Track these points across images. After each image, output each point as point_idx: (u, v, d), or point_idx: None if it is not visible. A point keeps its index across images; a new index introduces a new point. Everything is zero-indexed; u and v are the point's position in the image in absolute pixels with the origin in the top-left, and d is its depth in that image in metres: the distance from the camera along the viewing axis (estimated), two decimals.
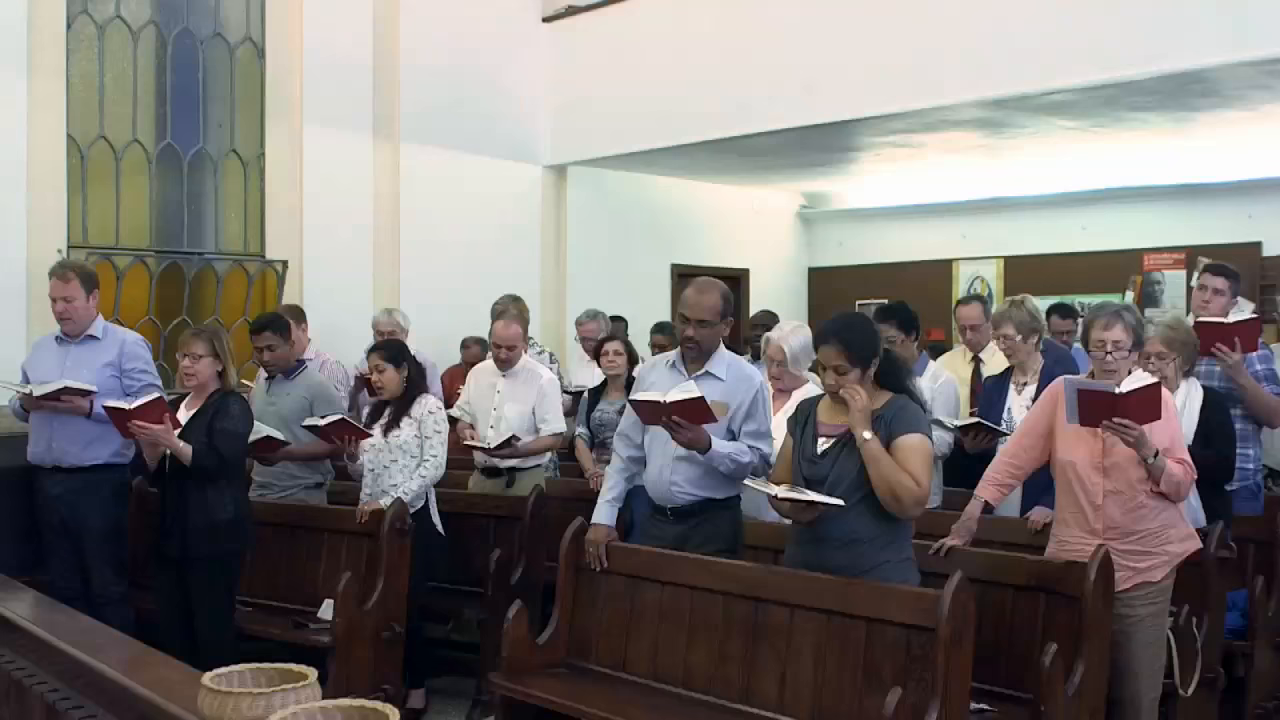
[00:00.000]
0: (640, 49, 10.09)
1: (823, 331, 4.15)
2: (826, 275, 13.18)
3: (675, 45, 9.82)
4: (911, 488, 3.99)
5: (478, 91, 10.38)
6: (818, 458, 4.18)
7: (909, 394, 4.19)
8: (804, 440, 4.26)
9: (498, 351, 6.62)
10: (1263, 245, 10.35)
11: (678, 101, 9.75)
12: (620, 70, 10.24)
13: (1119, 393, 4.22)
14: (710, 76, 9.53)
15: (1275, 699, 5.52)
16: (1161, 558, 4.48)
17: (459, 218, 10.19)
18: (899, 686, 3.64)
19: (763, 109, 9.26)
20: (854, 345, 4.07)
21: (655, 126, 9.98)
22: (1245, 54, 7.17)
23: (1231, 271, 6.12)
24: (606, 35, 10.45)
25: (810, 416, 4.28)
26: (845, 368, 4.05)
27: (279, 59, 9.54)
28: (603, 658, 4.75)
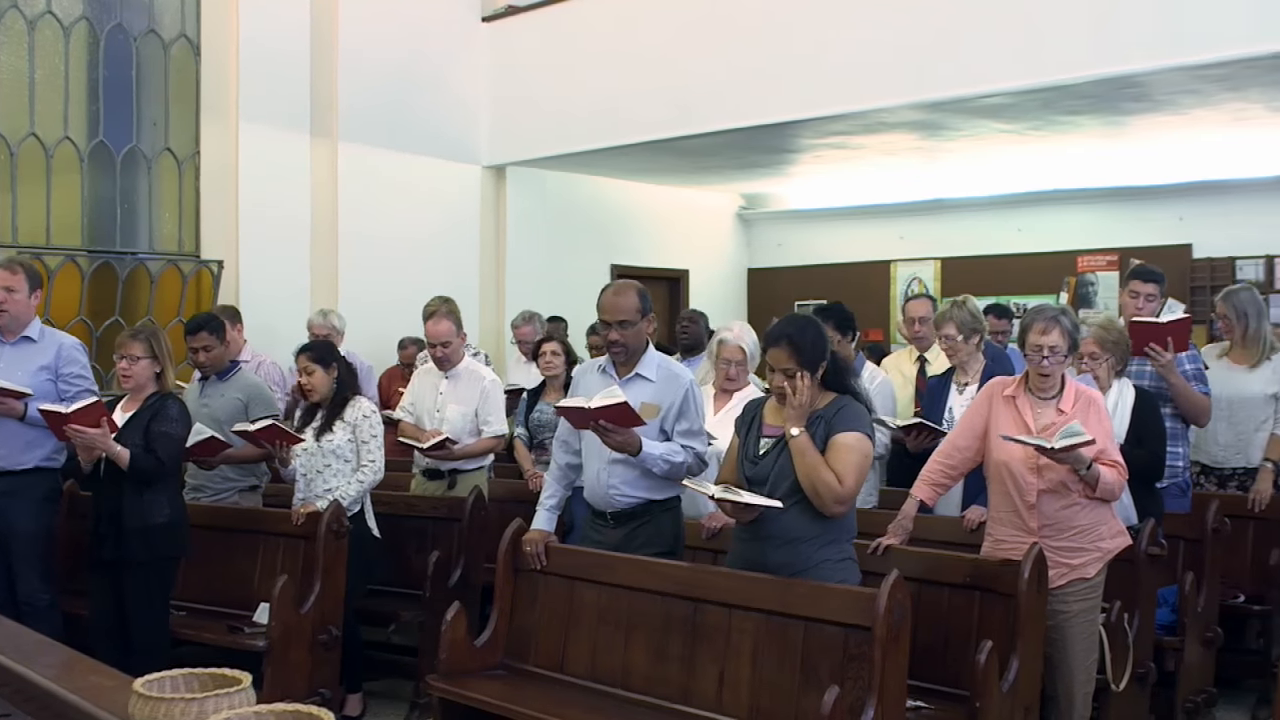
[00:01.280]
0: (580, 49, 10.08)
1: (773, 334, 4.16)
2: (765, 276, 13.24)
3: (615, 46, 9.82)
4: (832, 485, 4.00)
5: (417, 91, 10.33)
6: (758, 458, 4.20)
7: (854, 394, 4.22)
8: (748, 441, 4.28)
9: (433, 351, 6.58)
10: (1193, 247, 10.55)
11: (617, 102, 9.76)
12: (560, 71, 10.23)
13: (1050, 447, 4.30)
14: (650, 78, 9.54)
15: (1204, 692, 5.62)
16: (1094, 554, 4.54)
17: (397, 218, 10.13)
18: (836, 685, 3.65)
19: (702, 110, 9.29)
20: (804, 348, 4.08)
21: (595, 127, 9.98)
22: (1176, 59, 7.30)
23: (1159, 275, 6.22)
24: (546, 35, 10.43)
25: (756, 417, 4.30)
26: (794, 370, 4.06)
27: (214, 56, 9.45)
28: (541, 659, 4.73)
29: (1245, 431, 6.23)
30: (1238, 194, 10.34)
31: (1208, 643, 5.60)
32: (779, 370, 4.09)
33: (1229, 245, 10.42)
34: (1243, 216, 10.30)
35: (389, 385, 8.71)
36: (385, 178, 10.07)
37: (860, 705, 3.68)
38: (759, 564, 4.17)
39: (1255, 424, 6.21)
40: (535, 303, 9.36)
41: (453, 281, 9.21)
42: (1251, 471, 6.27)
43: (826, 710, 3.56)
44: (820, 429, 4.08)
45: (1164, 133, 9.42)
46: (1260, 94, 8.07)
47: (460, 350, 6.67)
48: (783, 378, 4.08)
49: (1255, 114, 8.63)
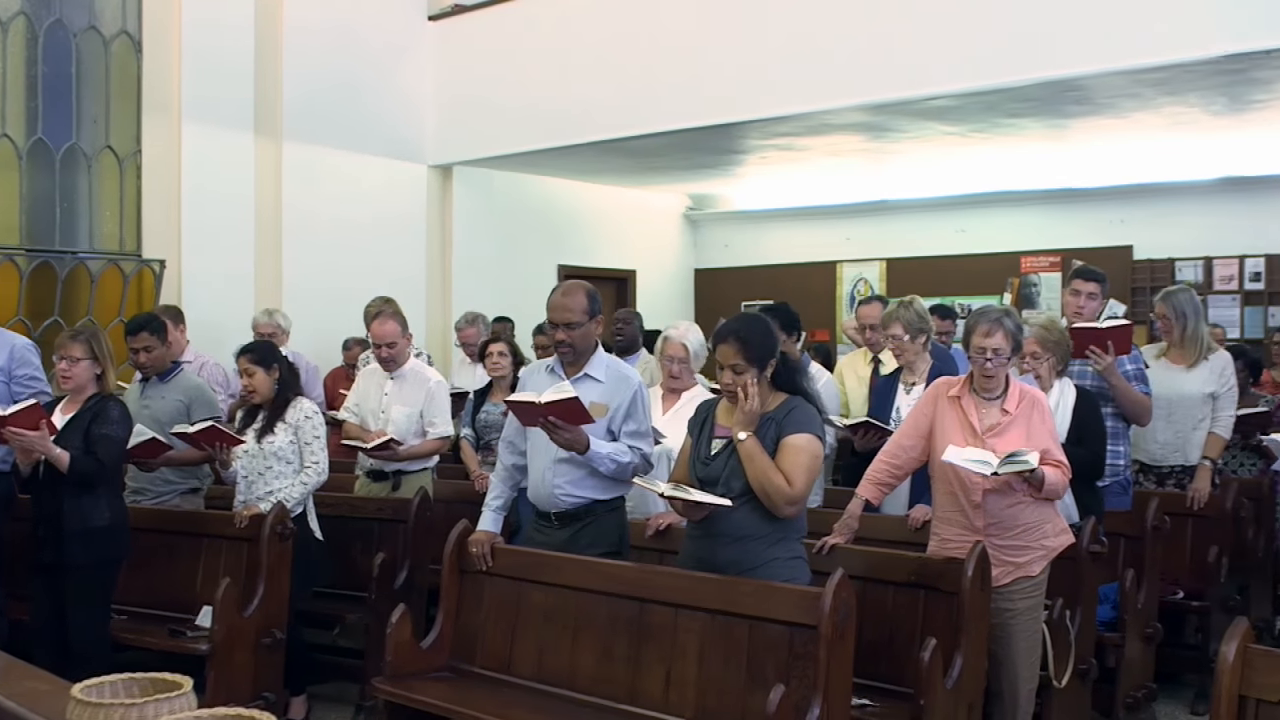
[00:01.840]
0: (527, 49, 10.06)
1: (721, 330, 4.17)
2: (712, 276, 13.28)
3: (562, 46, 9.81)
4: (782, 487, 4.01)
5: (362, 89, 10.26)
6: (710, 458, 4.21)
7: (805, 395, 4.23)
8: (701, 441, 4.29)
9: (379, 351, 6.55)
10: (1134, 249, 10.69)
11: (565, 102, 9.75)
12: (507, 70, 10.20)
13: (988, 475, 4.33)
14: (597, 78, 9.54)
15: (1145, 687, 5.69)
16: (1039, 552, 4.58)
17: (343, 217, 10.07)
18: (782, 684, 3.66)
19: (649, 111, 9.30)
20: (752, 345, 4.09)
21: (542, 127, 9.96)
22: (1117, 63, 7.39)
23: (1100, 275, 6.28)
24: (493, 35, 10.40)
25: (709, 418, 4.31)
26: (742, 366, 4.07)
27: (156, 52, 9.34)
28: (488, 660, 4.71)
29: (1183, 430, 6.33)
30: (1177, 196, 10.50)
31: (1148, 639, 5.68)
32: (727, 366, 4.10)
33: (1168, 247, 10.57)
34: (1182, 219, 10.46)
35: (333, 386, 8.65)
36: (330, 177, 10.00)
37: (806, 703, 3.69)
38: (709, 562, 4.18)
39: (1193, 423, 6.31)
40: (482, 303, 9.33)
41: (398, 281, 9.17)
42: (1189, 469, 6.37)
43: (772, 709, 3.57)
44: (771, 430, 4.10)
45: (1105, 136, 9.54)
46: (1199, 98, 8.19)
47: (406, 351, 6.64)
48: (731, 375, 4.09)
49: (1194, 118, 8.76)
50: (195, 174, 9.32)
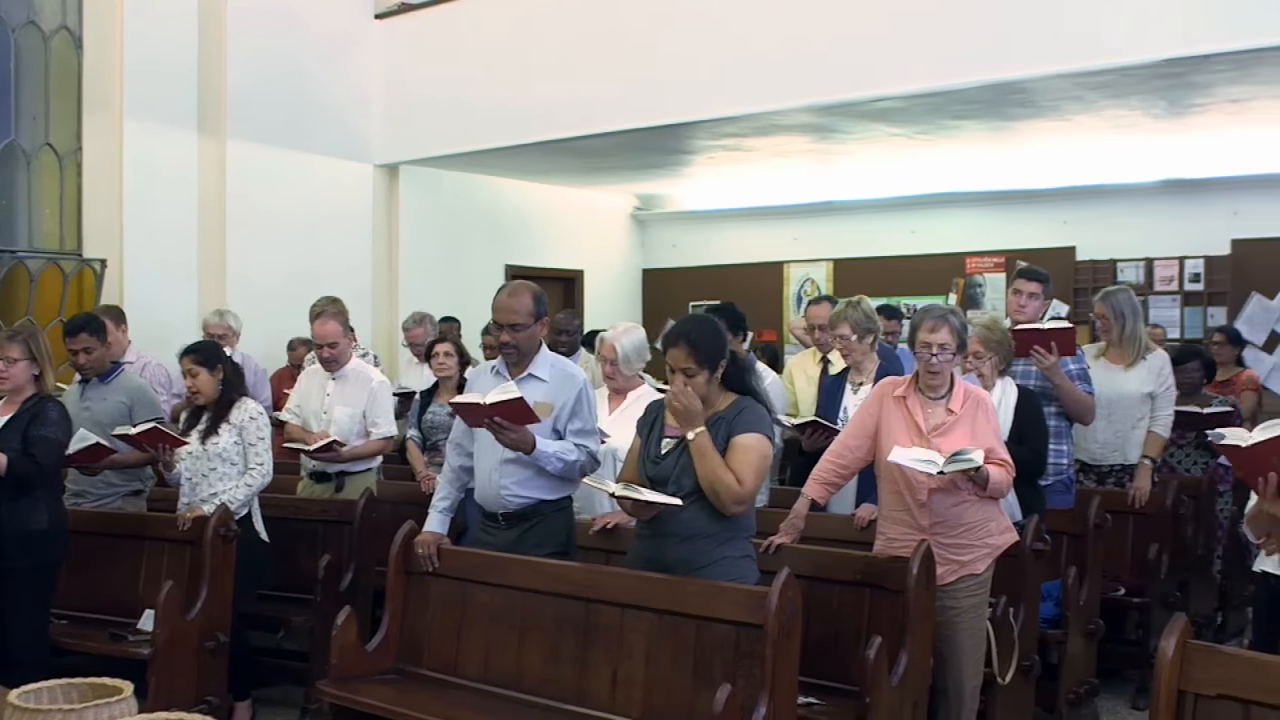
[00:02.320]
0: (474, 48, 10.02)
1: (671, 334, 4.18)
2: (660, 276, 13.29)
3: (509, 45, 9.78)
4: (731, 485, 4.03)
5: (308, 87, 10.18)
6: (660, 458, 4.21)
7: (754, 395, 4.24)
8: (650, 441, 4.29)
9: (320, 351, 6.51)
10: (1076, 249, 10.81)
11: (512, 102, 9.72)
12: (454, 69, 10.16)
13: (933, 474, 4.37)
14: (545, 77, 9.52)
15: (1087, 683, 5.76)
16: (983, 550, 4.63)
17: (288, 216, 9.98)
18: (728, 683, 3.67)
19: (597, 111, 9.29)
20: (703, 348, 4.10)
21: (489, 126, 9.93)
22: (1060, 66, 7.47)
23: (1043, 275, 6.36)
24: (440, 33, 10.35)
25: (658, 418, 4.32)
26: (694, 370, 4.09)
27: (97, 49, 9.21)
28: (434, 662, 4.69)
29: (1122, 430, 6.41)
30: (1119, 198, 10.62)
31: (1090, 635, 5.75)
32: (679, 370, 4.11)
33: (1110, 248, 10.69)
34: (1123, 220, 10.58)
35: (279, 386, 8.57)
36: (275, 176, 9.90)
37: (752, 702, 3.71)
38: (659, 561, 4.18)
39: (1132, 422, 6.39)
40: (429, 303, 9.28)
41: (344, 281, 9.09)
42: (1128, 468, 6.46)
43: (719, 708, 3.58)
44: (721, 430, 4.12)
45: (1048, 138, 9.64)
46: (1140, 101, 8.29)
47: (348, 351, 6.60)
48: (683, 378, 4.10)
49: (1135, 120, 8.87)
50: (137, 172, 9.20)
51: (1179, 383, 7.39)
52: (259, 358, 8.57)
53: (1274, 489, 2.88)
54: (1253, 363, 9.52)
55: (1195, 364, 7.54)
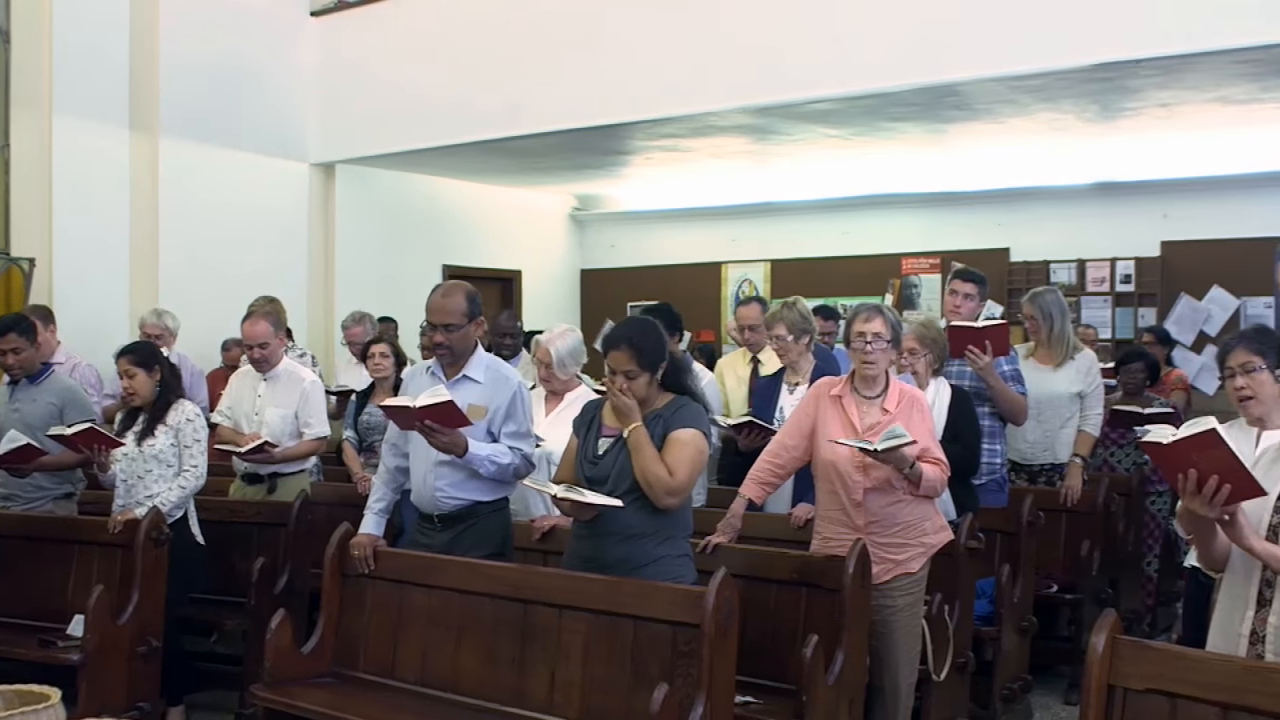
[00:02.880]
0: (411, 46, 9.96)
1: (612, 337, 4.19)
2: (598, 277, 13.28)
3: (446, 44, 9.74)
4: (663, 477, 4.06)
5: (242, 85, 10.06)
6: (598, 458, 4.22)
7: (691, 394, 4.26)
8: (588, 441, 4.29)
9: (250, 352, 6.45)
10: (1010, 251, 10.93)
11: (449, 101, 9.67)
12: (391, 68, 10.09)
13: (874, 449, 4.39)
14: (482, 76, 9.48)
15: (1020, 679, 5.84)
16: (918, 549, 4.67)
17: (222, 216, 9.85)
18: (665, 683, 3.68)
19: (535, 111, 9.26)
20: (644, 351, 4.12)
21: (426, 126, 9.87)
22: (994, 70, 7.55)
23: (980, 276, 6.43)
24: (376, 31, 10.28)
25: (595, 418, 4.32)
26: (636, 372, 4.10)
27: (26, 44, 9.05)
28: (370, 665, 4.66)
29: (1052, 429, 6.49)
30: (1052, 200, 10.76)
31: (1023, 631, 5.82)
32: (620, 373, 4.11)
33: (1044, 249, 10.82)
34: (1057, 222, 10.72)
35: (213, 387, 8.45)
36: (209, 174, 9.77)
37: (689, 702, 3.72)
38: (597, 560, 4.18)
39: (1061, 421, 6.47)
40: (365, 303, 9.21)
41: (280, 281, 9.00)
42: (1058, 467, 6.54)
43: (656, 708, 3.59)
44: (659, 427, 4.14)
45: (983, 141, 9.74)
46: (1073, 105, 8.40)
47: (279, 352, 6.54)
48: (624, 380, 4.10)
49: (1068, 124, 8.99)
50: (67, 169, 9.05)
51: (1122, 383, 7.52)
52: (193, 358, 8.46)
53: (1193, 486, 2.93)
54: (1181, 362, 9.70)
55: (1140, 365, 7.63)
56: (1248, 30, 6.65)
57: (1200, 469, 2.90)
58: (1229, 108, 8.33)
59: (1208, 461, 2.89)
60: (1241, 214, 9.88)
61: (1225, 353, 4.04)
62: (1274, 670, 2.90)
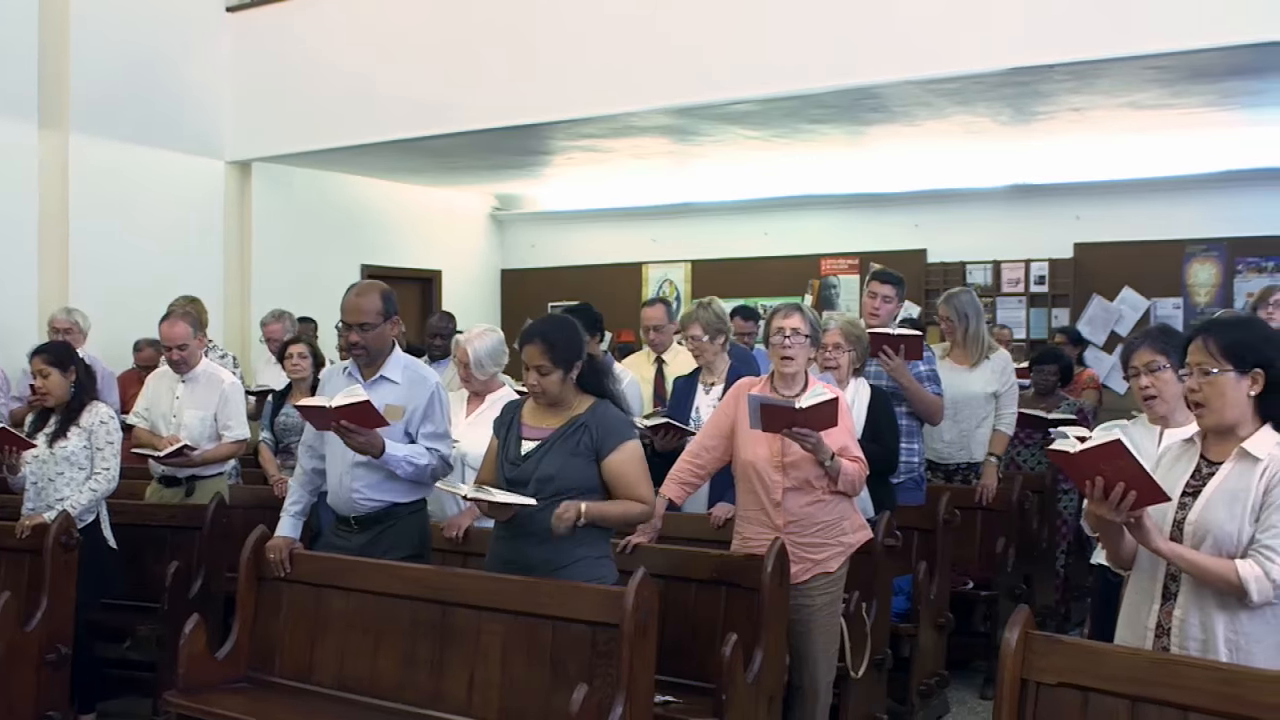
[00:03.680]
0: (329, 43, 9.86)
1: (528, 331, 4.17)
2: (518, 277, 13.25)
3: (366, 41, 9.65)
4: (641, 511, 4.17)
5: (156, 81, 9.89)
6: (520, 459, 4.18)
7: (610, 397, 4.24)
8: (509, 441, 4.25)
9: (168, 354, 6.35)
10: (927, 252, 11.06)
11: (368, 99, 9.59)
12: (309, 65, 9.98)
13: (798, 407, 4.40)
14: (401, 75, 9.41)
15: (937, 675, 5.91)
16: (837, 549, 4.70)
17: (135, 214, 9.68)
18: (585, 683, 3.68)
19: (454, 110, 9.22)
20: (557, 346, 4.08)
21: (345, 124, 9.78)
22: (911, 73, 7.64)
23: (897, 278, 6.49)
24: (294, 28, 10.16)
25: (515, 419, 4.28)
26: (548, 368, 4.07)
27: None
28: (286, 669, 4.60)
29: (968, 429, 6.58)
30: (968, 202, 10.90)
31: (940, 628, 5.90)
32: (532, 368, 4.09)
33: (960, 251, 10.96)
34: (972, 224, 10.86)
35: (125, 389, 8.32)
36: (121, 171, 9.59)
37: (609, 702, 3.71)
38: (519, 562, 4.16)
39: (976, 421, 6.56)
40: (284, 303, 9.09)
41: (195, 281, 8.87)
42: (974, 466, 6.63)
43: (575, 708, 3.58)
44: (584, 437, 4.10)
45: (901, 143, 9.86)
46: (987, 108, 8.53)
47: (198, 353, 6.44)
48: (536, 375, 4.08)
49: (984, 127, 9.11)
50: None
51: (1035, 383, 7.64)
52: (104, 359, 8.30)
53: (1100, 493, 2.99)
54: (1093, 362, 9.89)
55: (1053, 366, 7.77)
56: (1158, 37, 6.79)
57: (1107, 477, 2.97)
58: (1139, 113, 8.50)
59: (1114, 470, 2.96)
60: (1151, 217, 10.09)
61: (1129, 352, 4.12)
62: (1180, 663, 2.97)
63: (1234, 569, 2.99)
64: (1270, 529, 2.99)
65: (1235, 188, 9.89)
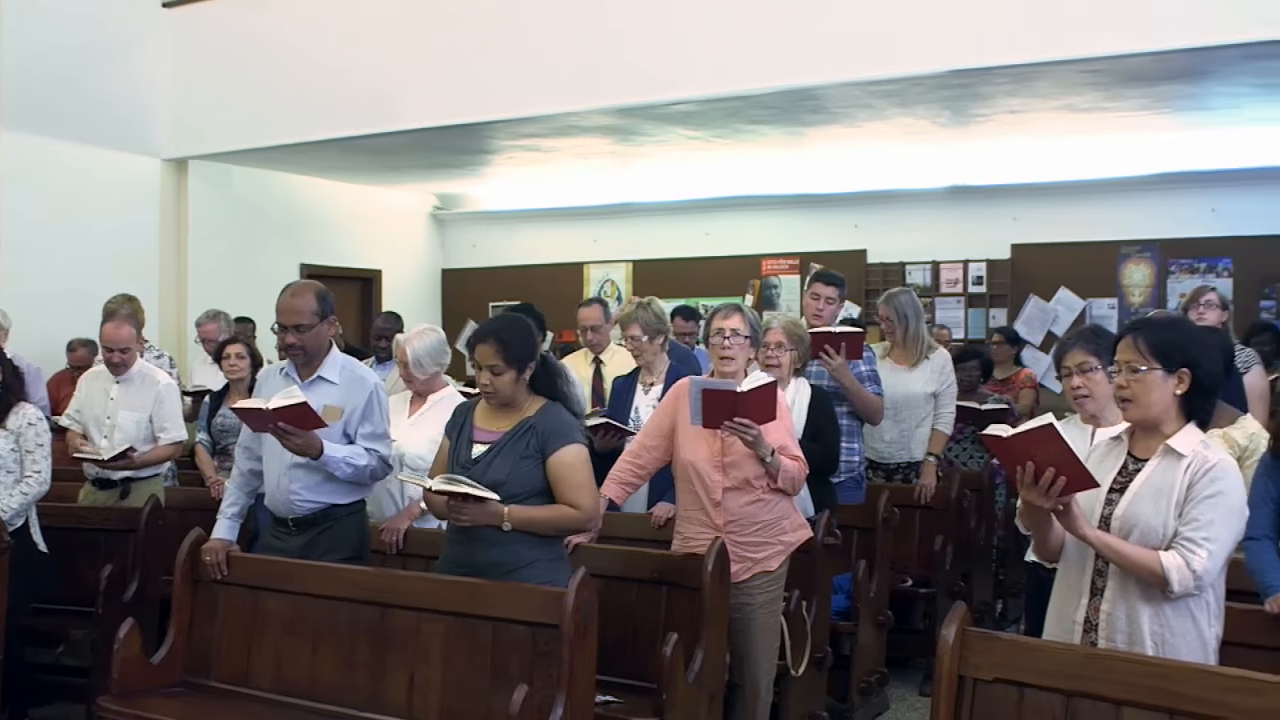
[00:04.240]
0: (268, 40, 9.76)
1: (481, 331, 4.15)
2: (460, 277, 13.19)
3: (305, 38, 9.57)
4: (575, 518, 4.08)
5: (90, 77, 9.73)
6: (470, 463, 4.16)
7: (563, 399, 4.22)
8: (460, 443, 4.23)
9: (109, 355, 6.25)
10: (867, 253, 11.14)
11: (305, 97, 9.51)
12: (247, 62, 9.87)
13: (739, 391, 4.41)
14: (342, 72, 9.34)
15: (877, 672, 5.95)
16: (777, 547, 4.72)
17: (68, 212, 9.52)
18: (525, 684, 3.66)
19: (394, 108, 9.16)
20: (510, 346, 4.06)
21: (284, 122, 9.69)
22: (851, 75, 7.68)
23: (839, 279, 6.54)
24: (232, 24, 10.04)
25: (466, 421, 4.26)
26: (501, 368, 4.05)
27: None
28: (223, 673, 4.55)
29: (908, 428, 6.64)
30: (907, 203, 10.98)
31: (879, 625, 5.94)
32: (485, 367, 4.07)
33: (900, 251, 11.04)
34: (912, 224, 10.94)
35: (58, 390, 8.19)
36: (53, 169, 9.43)
37: (550, 703, 3.70)
38: (470, 565, 4.13)
39: (916, 420, 6.63)
40: (221, 303, 8.99)
41: (129, 280, 8.72)
42: (914, 465, 6.69)
43: (515, 709, 3.57)
44: (532, 440, 4.08)
45: (841, 144, 9.91)
46: (927, 110, 8.60)
47: (137, 355, 6.36)
48: (489, 375, 4.06)
49: (923, 129, 9.19)
50: None
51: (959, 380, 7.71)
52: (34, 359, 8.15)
53: (1031, 478, 3.04)
54: (1030, 362, 10.00)
55: (974, 363, 7.90)
56: (1094, 41, 6.88)
57: (1037, 462, 3.02)
58: (1076, 116, 8.60)
59: (1044, 455, 3.02)
60: (1087, 219, 10.22)
61: (1062, 352, 4.18)
62: (1113, 658, 3.02)
63: (1157, 559, 3.06)
64: (1192, 522, 3.07)
65: (1168, 190, 10.05)
